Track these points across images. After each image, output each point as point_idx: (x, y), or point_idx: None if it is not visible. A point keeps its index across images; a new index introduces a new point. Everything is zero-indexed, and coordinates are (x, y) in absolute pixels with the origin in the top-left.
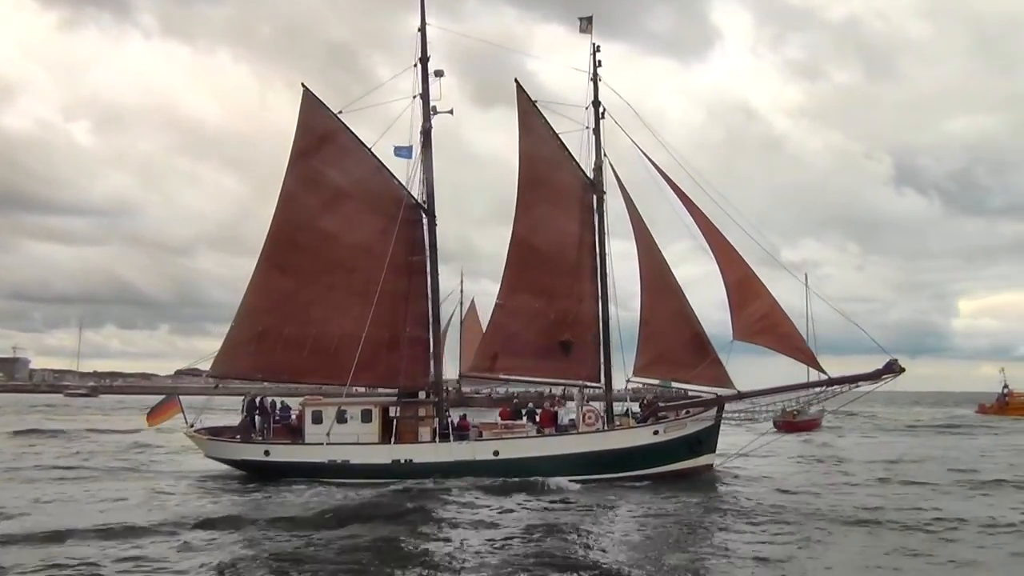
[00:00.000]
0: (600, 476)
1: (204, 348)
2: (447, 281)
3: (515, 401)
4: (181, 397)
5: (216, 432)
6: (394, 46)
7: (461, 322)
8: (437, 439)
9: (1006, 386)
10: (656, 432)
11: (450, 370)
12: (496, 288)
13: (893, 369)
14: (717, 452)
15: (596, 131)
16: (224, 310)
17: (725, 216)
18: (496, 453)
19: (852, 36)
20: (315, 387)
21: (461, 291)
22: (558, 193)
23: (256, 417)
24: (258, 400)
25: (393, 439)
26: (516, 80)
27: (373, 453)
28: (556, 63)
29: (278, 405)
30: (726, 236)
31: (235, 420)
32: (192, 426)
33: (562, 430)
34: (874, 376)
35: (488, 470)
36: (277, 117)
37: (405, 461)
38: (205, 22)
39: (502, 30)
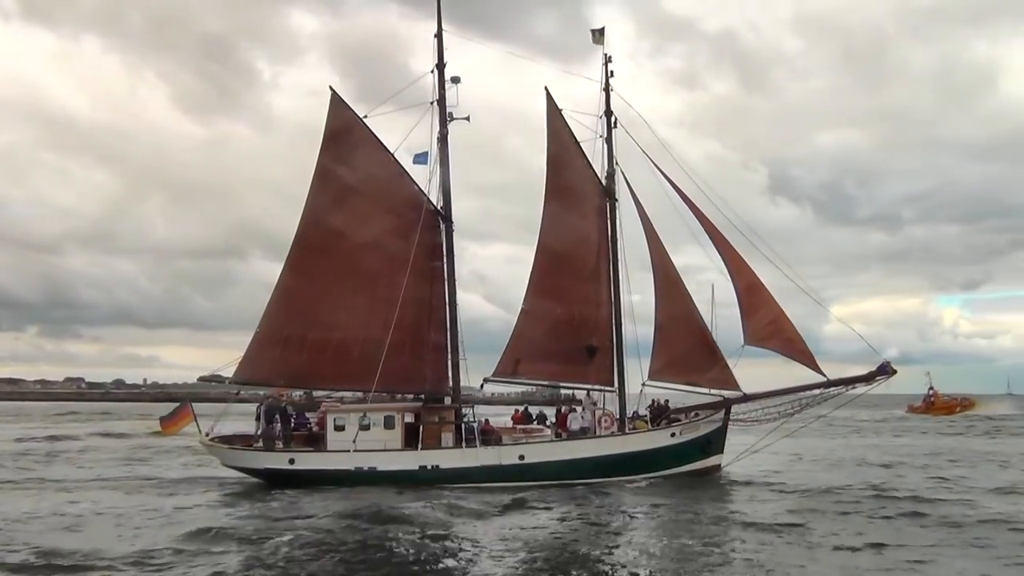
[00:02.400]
0: (621, 478)
1: (77, 351)
2: None
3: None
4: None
5: (227, 440)
6: (273, 40)
7: None
8: (464, 444)
9: (931, 388)
10: (673, 434)
11: None
12: None
13: (886, 371)
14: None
15: (608, 140)
16: (98, 311)
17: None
18: (522, 457)
19: (728, 48)
20: (331, 393)
21: None
22: (580, 200)
23: (275, 425)
24: (287, 408)
25: (420, 445)
26: (546, 88)
27: (400, 459)
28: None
29: (290, 412)
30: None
31: (235, 428)
32: (207, 434)
33: (575, 434)
34: (868, 378)
35: (514, 474)
36: (150, 110)
37: (432, 467)
38: (70, 6)
39: (385, 28)
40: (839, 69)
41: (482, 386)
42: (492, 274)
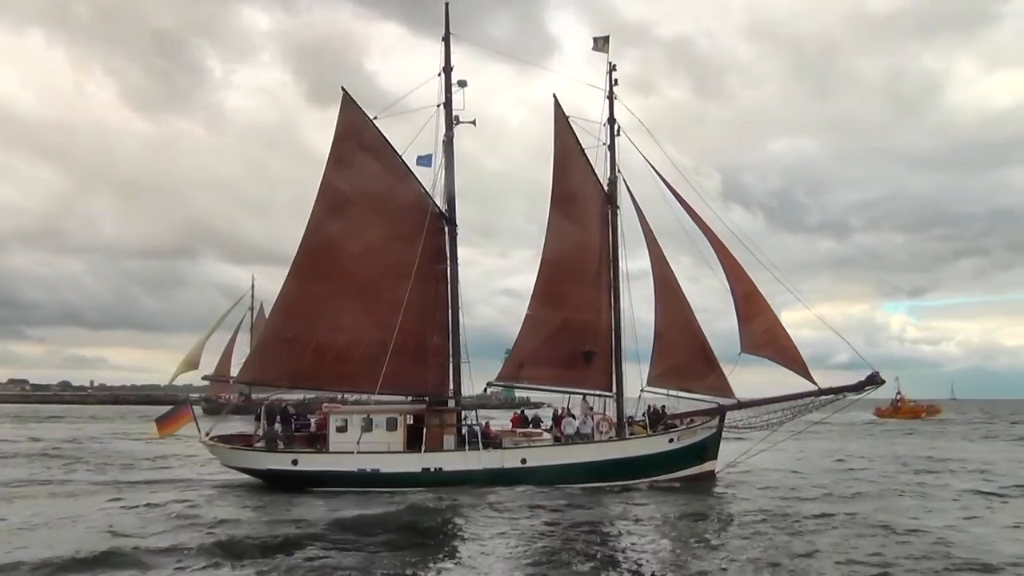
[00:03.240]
0: (619, 482)
1: (21, 352)
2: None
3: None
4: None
5: (227, 440)
6: (224, 37)
7: (252, 326)
8: (467, 447)
9: (898, 393)
10: (671, 440)
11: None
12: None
13: (875, 380)
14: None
15: (611, 147)
16: (43, 311)
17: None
18: (524, 461)
19: (683, 54)
20: (331, 395)
21: (252, 295)
22: (584, 207)
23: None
24: (289, 409)
25: (424, 447)
26: (554, 95)
27: (403, 462)
28: (397, 65)
29: (292, 413)
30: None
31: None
32: (208, 434)
33: (569, 438)
34: (858, 387)
35: (517, 478)
36: (97, 106)
37: (435, 469)
38: None
39: (338, 27)
40: (791, 77)
41: (486, 390)
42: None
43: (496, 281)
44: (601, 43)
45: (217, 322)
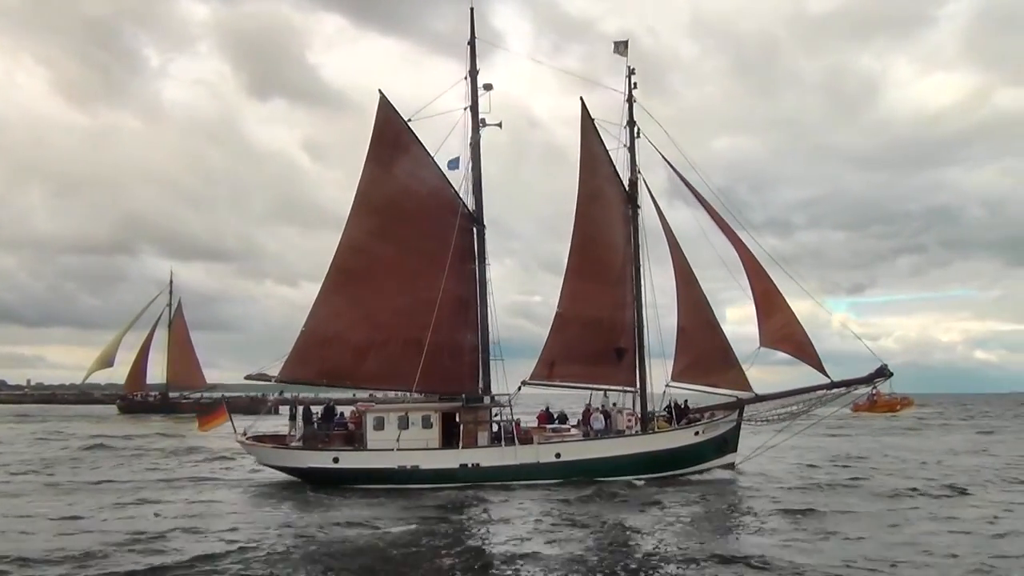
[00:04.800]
0: (650, 475)
1: None
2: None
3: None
4: None
5: (260, 439)
6: (161, 26)
7: (170, 322)
8: (503, 443)
9: (875, 387)
10: (697, 433)
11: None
12: (256, 287)
13: (883, 373)
14: None
15: (631, 149)
16: None
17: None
18: (558, 456)
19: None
20: (366, 393)
21: (171, 291)
22: (609, 207)
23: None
24: (336, 408)
25: (461, 444)
26: (581, 99)
27: (442, 458)
28: (340, 57)
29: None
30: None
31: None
32: (245, 433)
33: (598, 433)
34: (868, 380)
35: (552, 472)
36: (28, 97)
37: (472, 465)
38: None
39: (279, 18)
40: (733, 76)
41: (519, 389)
42: None
43: None
44: (621, 47)
45: (133, 319)
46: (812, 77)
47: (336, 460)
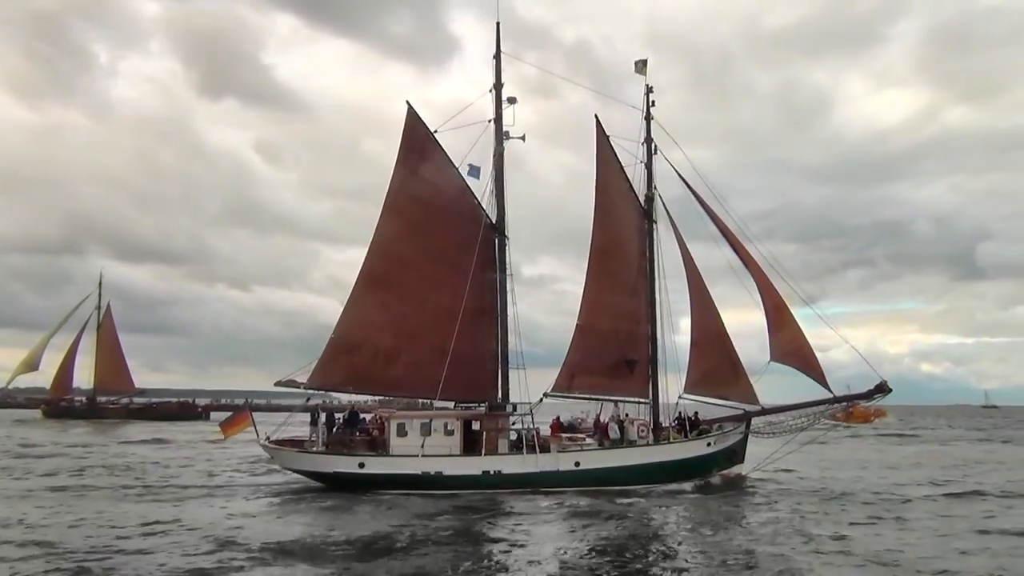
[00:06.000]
0: (664, 484)
1: None
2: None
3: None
4: None
5: (280, 444)
6: (111, 22)
7: (99, 325)
8: (525, 450)
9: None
10: (708, 444)
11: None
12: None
13: (883, 389)
14: None
15: (648, 165)
16: None
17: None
18: (577, 464)
19: (583, 58)
20: (386, 400)
21: (100, 292)
22: (625, 221)
23: (335, 429)
24: (362, 414)
25: (484, 451)
26: (596, 116)
27: (465, 464)
28: (296, 59)
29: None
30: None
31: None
32: (268, 438)
33: (615, 442)
34: (868, 395)
35: (571, 480)
36: None
37: (495, 472)
38: None
39: (232, 17)
40: (689, 87)
41: (541, 400)
42: (348, 279)
43: None
44: (640, 66)
45: (61, 320)
46: (766, 90)
47: (362, 465)
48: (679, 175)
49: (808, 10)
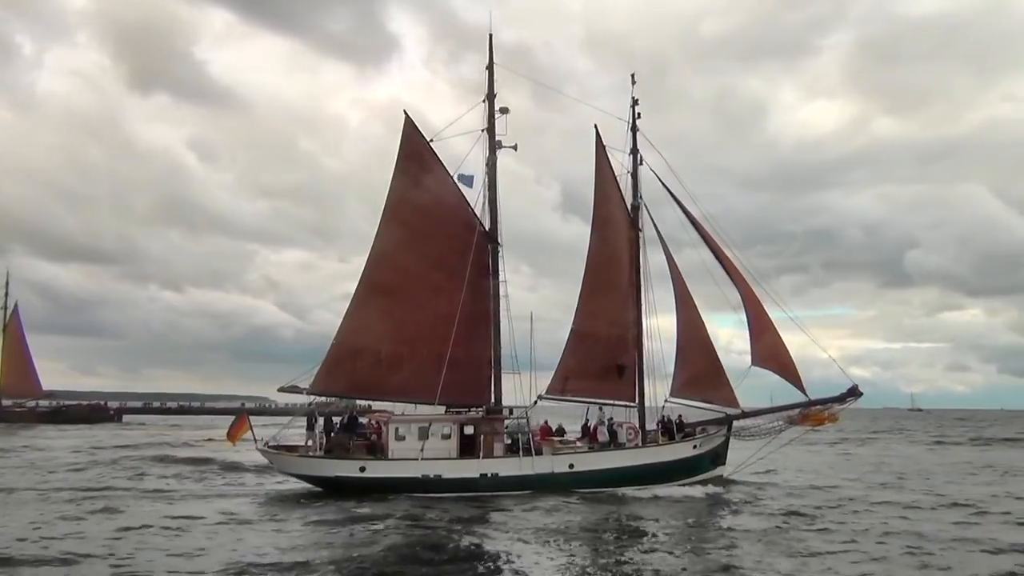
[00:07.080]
0: (653, 486)
1: None
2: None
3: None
4: None
5: (278, 449)
6: (35, 13)
7: (4, 326)
8: (521, 453)
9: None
10: (695, 447)
11: None
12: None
13: (855, 392)
14: None
15: (634, 176)
16: None
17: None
18: (571, 466)
19: (522, 61)
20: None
21: (7, 292)
22: (617, 229)
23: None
24: (363, 418)
25: (481, 454)
26: (595, 126)
27: (463, 468)
28: (230, 55)
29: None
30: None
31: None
32: (266, 443)
33: (604, 445)
34: (841, 399)
35: (565, 482)
36: None
37: (492, 475)
38: None
39: (163, 10)
40: (626, 92)
41: (535, 403)
42: (284, 280)
43: (336, 286)
44: (633, 79)
45: None
46: (702, 97)
47: (363, 469)
48: (665, 186)
49: (744, 18)
